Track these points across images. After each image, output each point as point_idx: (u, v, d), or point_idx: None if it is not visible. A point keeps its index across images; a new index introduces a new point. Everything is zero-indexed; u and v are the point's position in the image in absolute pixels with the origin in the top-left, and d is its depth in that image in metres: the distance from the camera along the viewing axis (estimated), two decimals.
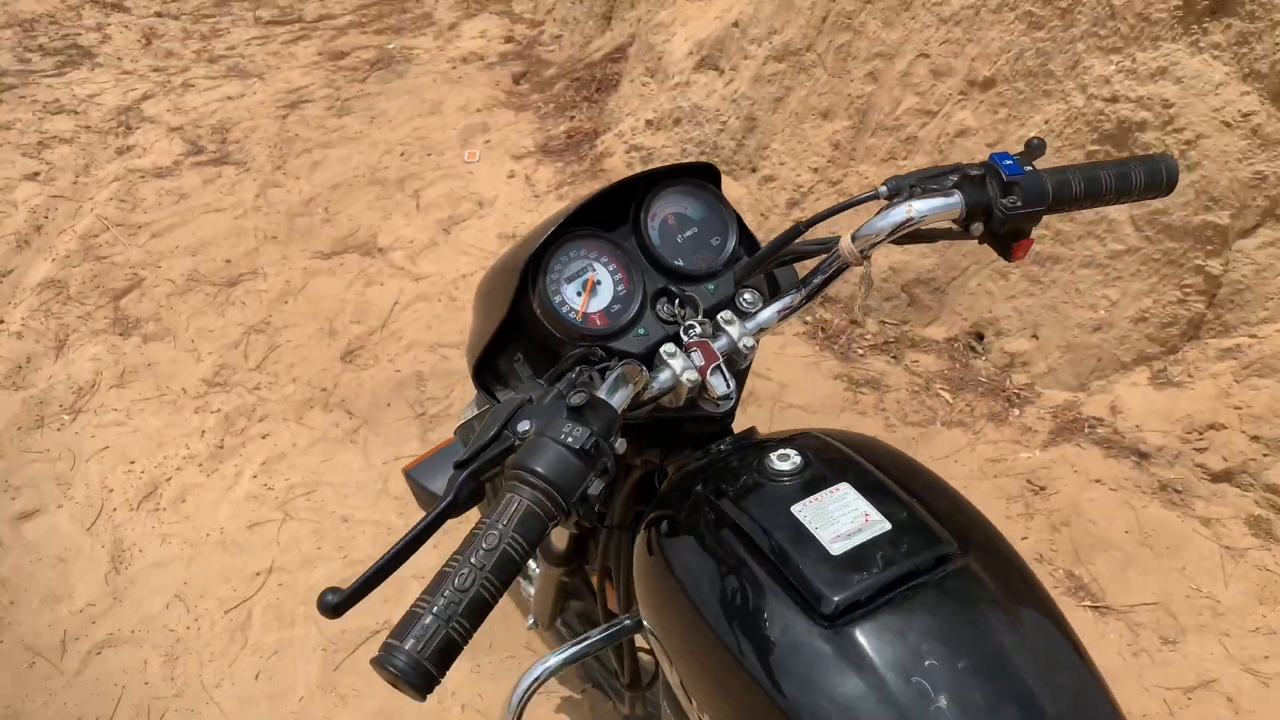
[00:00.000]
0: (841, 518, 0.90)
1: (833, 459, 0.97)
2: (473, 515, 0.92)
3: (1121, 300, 2.57)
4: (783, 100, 3.18)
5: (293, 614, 2.03)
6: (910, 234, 1.00)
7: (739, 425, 1.13)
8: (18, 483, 2.36)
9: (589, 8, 4.36)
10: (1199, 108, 2.39)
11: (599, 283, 1.05)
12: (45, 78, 4.83)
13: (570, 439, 0.75)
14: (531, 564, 1.80)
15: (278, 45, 5.38)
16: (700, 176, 1.12)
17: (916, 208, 0.96)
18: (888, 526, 0.89)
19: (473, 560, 0.71)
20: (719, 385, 1.00)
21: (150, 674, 1.92)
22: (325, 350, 2.79)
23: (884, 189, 1.01)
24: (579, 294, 1.04)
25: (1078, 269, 2.62)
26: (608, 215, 1.08)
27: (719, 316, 1.05)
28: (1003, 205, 0.96)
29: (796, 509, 0.91)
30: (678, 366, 0.99)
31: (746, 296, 1.10)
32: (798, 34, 3.10)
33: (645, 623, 1.05)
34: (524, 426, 0.81)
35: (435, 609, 0.69)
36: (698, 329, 1.03)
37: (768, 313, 1.06)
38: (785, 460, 0.97)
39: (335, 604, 0.75)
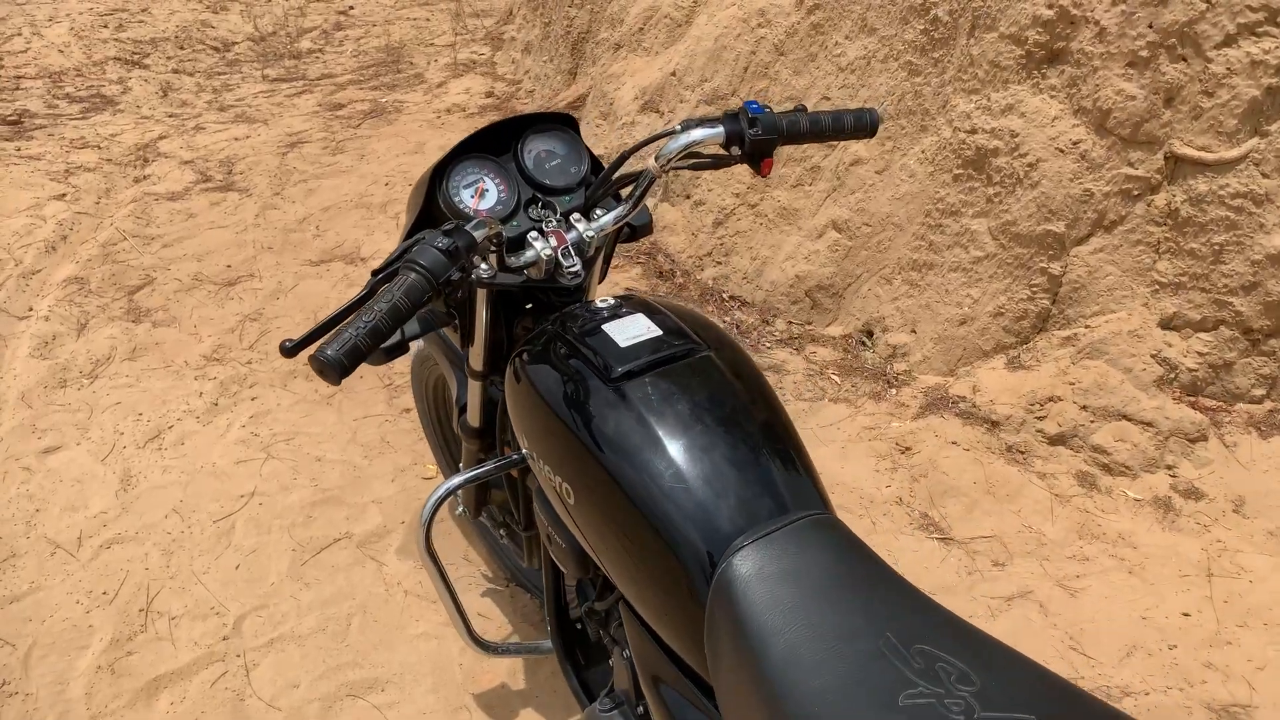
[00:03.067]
0: (632, 329, 1.36)
1: (634, 301, 1.44)
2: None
3: (982, 298, 3.04)
4: None
5: (270, 525, 2.46)
6: (694, 159, 1.47)
7: None
8: (44, 426, 2.79)
9: (557, 65, 4.93)
10: (1039, 137, 2.89)
11: (486, 190, 1.52)
12: (71, 120, 5.38)
13: (439, 244, 1.21)
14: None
15: (282, 98, 5.94)
16: (567, 126, 1.61)
17: (694, 134, 1.43)
18: (660, 332, 1.34)
19: (376, 307, 1.16)
20: (568, 261, 1.46)
21: (150, 563, 2.34)
22: None
23: (679, 126, 1.48)
24: (472, 196, 1.52)
25: (947, 273, 3.10)
26: (498, 146, 1.56)
27: (571, 218, 1.52)
28: (750, 134, 1.43)
29: (606, 326, 1.37)
30: (539, 246, 1.45)
31: (598, 210, 1.57)
32: (724, 81, 3.63)
33: (521, 442, 1.49)
34: (413, 250, 1.26)
35: (351, 330, 1.13)
36: (554, 223, 1.50)
37: (607, 218, 1.53)
38: (604, 303, 1.43)
39: (290, 347, 1.20)
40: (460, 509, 2.12)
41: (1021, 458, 2.77)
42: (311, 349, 1.21)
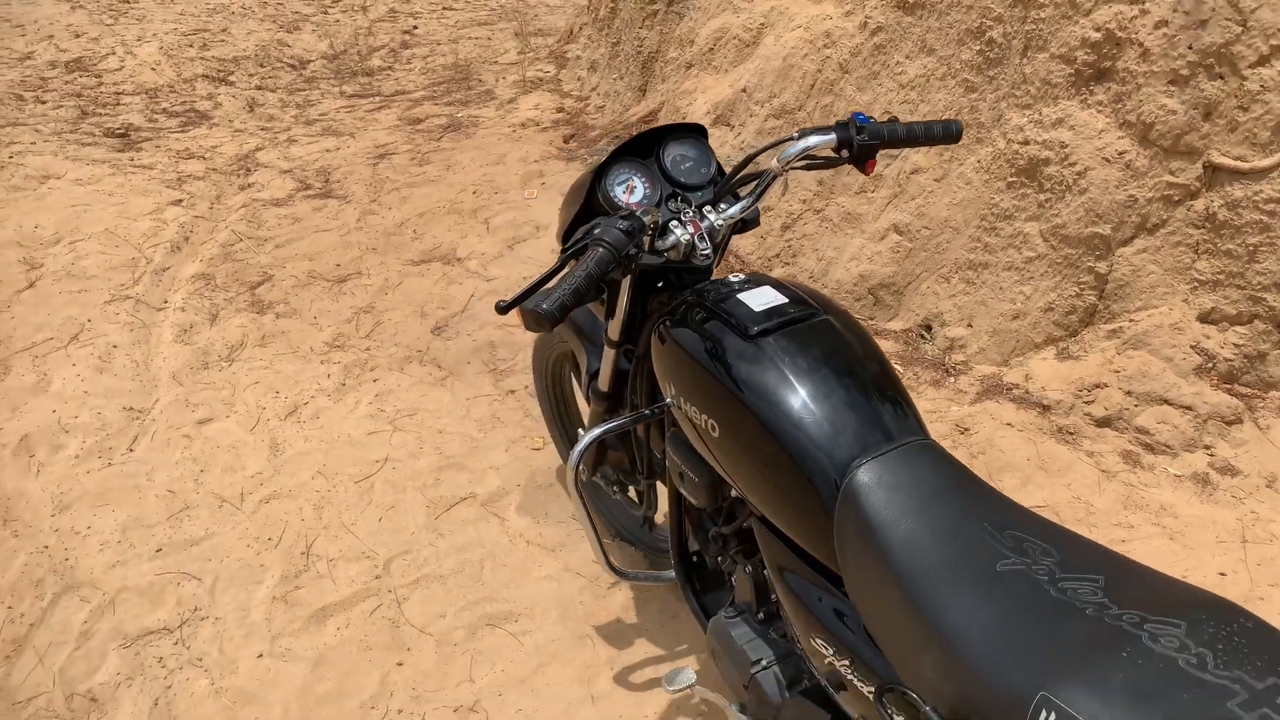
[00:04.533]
0: (762, 297, 1.68)
1: (760, 277, 1.76)
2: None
3: (1034, 295, 3.32)
4: None
5: (404, 485, 2.80)
6: (809, 160, 1.79)
7: None
8: (195, 401, 3.16)
9: (628, 83, 5.27)
10: (1087, 148, 3.18)
11: (635, 187, 1.86)
12: (172, 133, 5.81)
13: (619, 225, 1.53)
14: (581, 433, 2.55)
15: (362, 113, 6.34)
16: (698, 135, 1.95)
17: (811, 140, 1.75)
18: (786, 300, 1.66)
19: (577, 274, 1.48)
20: (702, 245, 1.78)
21: (305, 515, 2.68)
22: (419, 326, 3.60)
23: (797, 133, 1.80)
24: (624, 192, 1.85)
25: (1001, 272, 3.39)
26: (643, 151, 1.89)
27: (704, 209, 1.84)
28: (857, 140, 1.75)
29: (739, 295, 1.69)
30: (679, 232, 1.77)
31: (722, 204, 1.89)
32: (792, 97, 3.95)
33: (669, 395, 1.80)
34: (598, 230, 1.59)
35: (559, 291, 1.45)
36: (690, 213, 1.82)
37: (734, 209, 1.85)
38: (736, 278, 1.75)
39: (504, 306, 1.53)
40: (580, 465, 2.42)
41: (1071, 438, 3.05)
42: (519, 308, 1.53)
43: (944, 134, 1.81)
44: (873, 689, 1.36)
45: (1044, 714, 1.04)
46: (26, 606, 2.40)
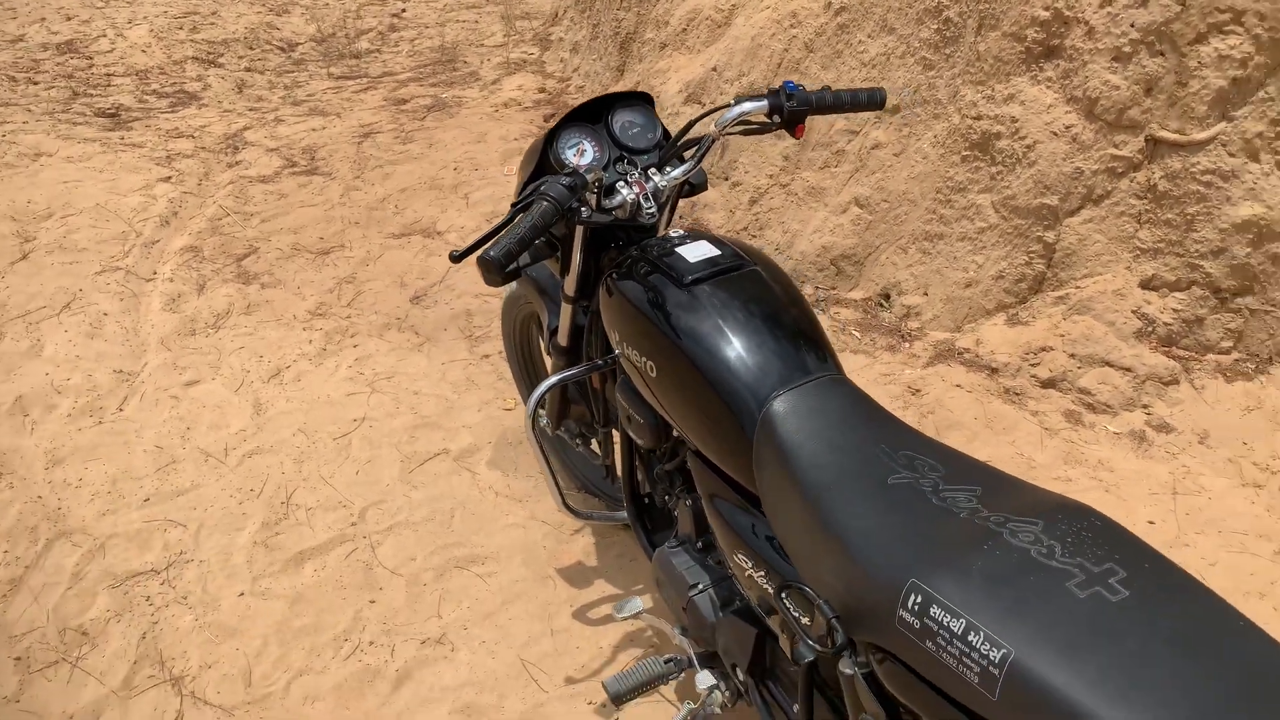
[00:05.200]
0: (698, 250, 1.82)
1: (697, 233, 1.90)
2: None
3: (986, 264, 3.47)
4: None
5: (380, 442, 2.94)
6: (744, 125, 1.93)
7: None
8: (182, 365, 3.30)
9: (606, 63, 5.40)
10: (1036, 122, 3.32)
11: (585, 150, 2.00)
12: (162, 113, 5.93)
13: (563, 181, 1.68)
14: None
15: (349, 94, 6.46)
16: (645, 102, 2.09)
17: (745, 106, 1.89)
18: (719, 253, 1.81)
19: (522, 224, 1.62)
20: (647, 204, 1.93)
21: (285, 469, 2.83)
22: (398, 295, 3.75)
23: (733, 100, 1.94)
24: (575, 154, 1.99)
25: (955, 242, 3.54)
26: (593, 117, 2.04)
27: (649, 171, 1.99)
28: (787, 106, 1.89)
29: (678, 249, 1.84)
30: (625, 192, 1.92)
31: (668, 167, 2.03)
32: (759, 75, 4.09)
33: (615, 342, 1.94)
34: (544, 187, 1.73)
35: (505, 240, 1.60)
36: (636, 174, 1.97)
37: (677, 171, 1.99)
38: (675, 234, 1.90)
39: (457, 256, 1.67)
40: (543, 420, 2.58)
41: (1017, 398, 3.21)
42: (473, 256, 1.68)
43: (869, 101, 1.96)
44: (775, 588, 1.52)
45: (912, 598, 1.20)
46: (21, 550, 2.55)
